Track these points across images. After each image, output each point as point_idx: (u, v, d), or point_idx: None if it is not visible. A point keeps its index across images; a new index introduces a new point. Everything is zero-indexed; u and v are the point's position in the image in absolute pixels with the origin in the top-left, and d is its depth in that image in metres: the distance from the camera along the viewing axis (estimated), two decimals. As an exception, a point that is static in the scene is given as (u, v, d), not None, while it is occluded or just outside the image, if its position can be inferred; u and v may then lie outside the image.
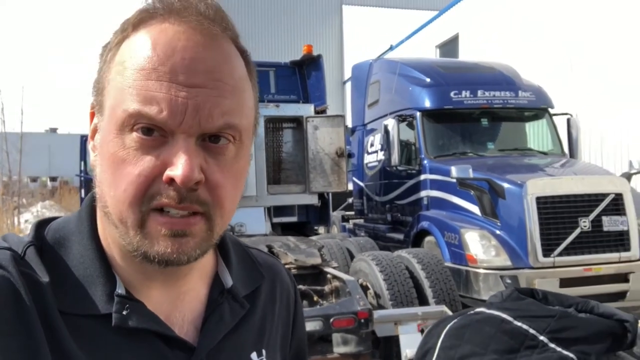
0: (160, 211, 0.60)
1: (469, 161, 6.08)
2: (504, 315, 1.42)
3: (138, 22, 0.63)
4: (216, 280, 0.75)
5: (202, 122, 0.60)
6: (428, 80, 7.09)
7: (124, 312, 0.63)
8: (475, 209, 5.77)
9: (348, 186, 6.86)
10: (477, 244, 5.32)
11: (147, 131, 0.59)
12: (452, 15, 14.81)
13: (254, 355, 0.75)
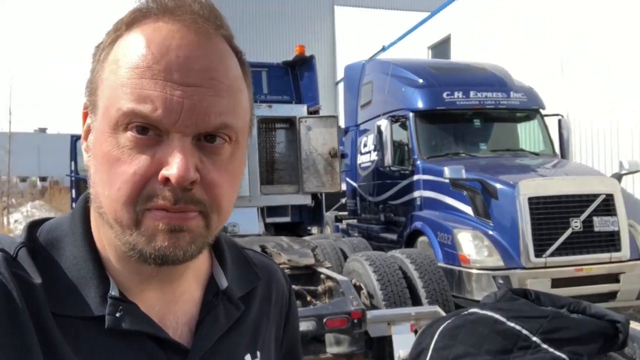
0: (156, 209, 0.60)
1: (462, 162, 6.10)
2: (497, 315, 1.43)
3: (131, 22, 0.62)
4: (211, 281, 0.74)
5: (199, 122, 0.59)
6: (420, 81, 7.11)
7: (117, 314, 0.62)
8: (468, 210, 5.79)
9: (341, 186, 6.87)
10: (470, 244, 5.34)
11: (142, 130, 0.59)
12: (444, 16, 14.86)
13: (248, 357, 0.75)
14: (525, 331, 1.36)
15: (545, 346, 1.33)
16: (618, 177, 5.87)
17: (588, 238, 5.22)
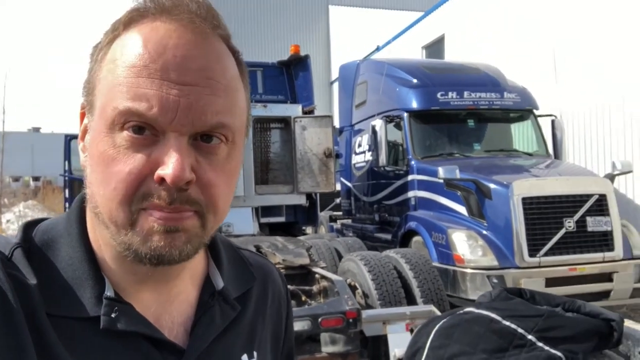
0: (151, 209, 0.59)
1: (456, 162, 6.12)
2: (493, 314, 1.43)
3: (129, 21, 0.62)
4: (207, 282, 0.74)
5: (195, 121, 0.59)
6: (415, 81, 7.13)
7: (113, 315, 0.62)
8: (462, 210, 5.81)
9: (336, 186, 6.87)
10: (464, 244, 5.36)
11: (138, 130, 0.59)
12: (438, 16, 14.90)
13: (245, 357, 0.75)
14: (520, 330, 1.36)
15: (540, 344, 1.34)
16: (611, 178, 5.90)
17: (581, 238, 5.25)
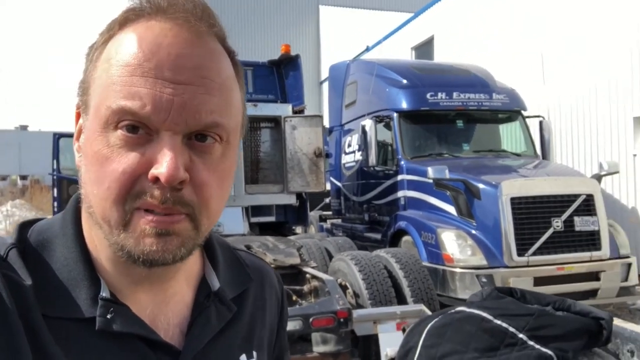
0: (144, 210, 0.59)
1: (445, 162, 6.16)
2: (484, 314, 1.44)
3: (124, 21, 0.62)
4: (203, 282, 0.74)
5: (189, 120, 0.59)
6: (405, 81, 7.16)
7: (108, 316, 0.62)
8: (451, 209, 5.85)
9: (326, 186, 6.87)
10: (454, 244, 5.39)
11: (132, 129, 0.58)
12: (428, 17, 14.95)
13: (244, 357, 0.75)
14: (511, 329, 1.37)
15: (531, 343, 1.35)
16: (598, 178, 5.97)
17: (569, 237, 5.31)
